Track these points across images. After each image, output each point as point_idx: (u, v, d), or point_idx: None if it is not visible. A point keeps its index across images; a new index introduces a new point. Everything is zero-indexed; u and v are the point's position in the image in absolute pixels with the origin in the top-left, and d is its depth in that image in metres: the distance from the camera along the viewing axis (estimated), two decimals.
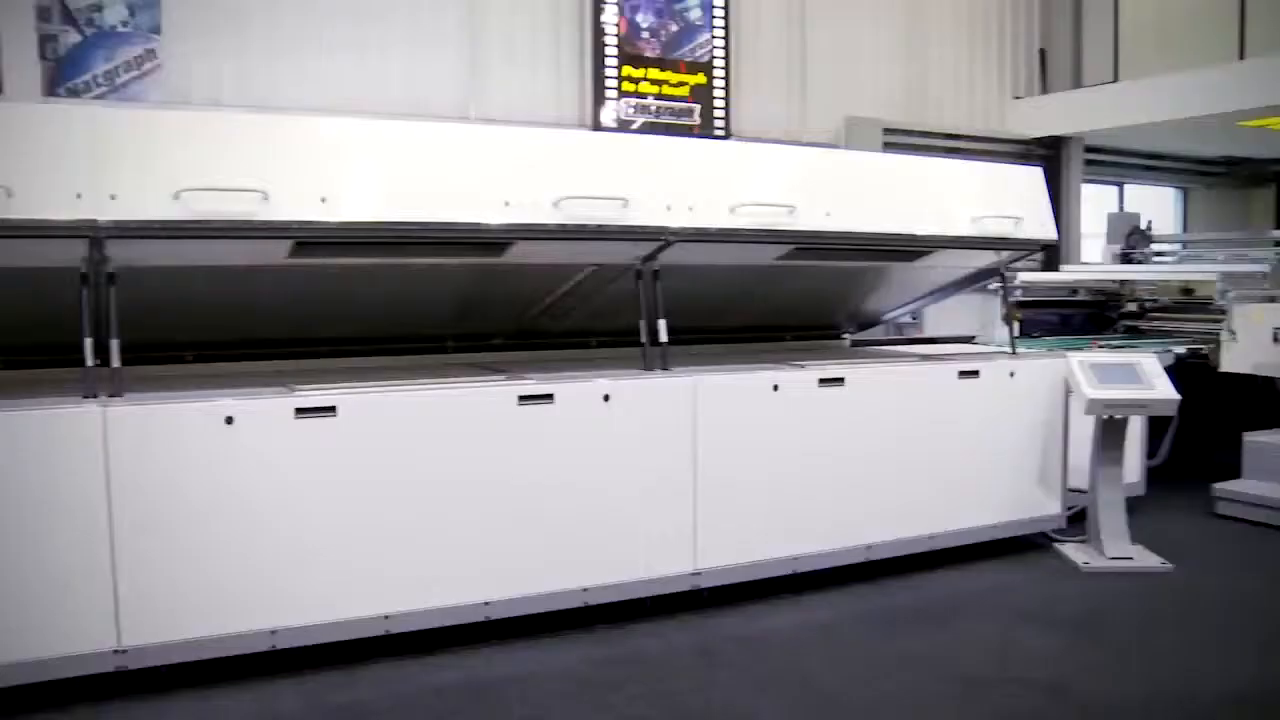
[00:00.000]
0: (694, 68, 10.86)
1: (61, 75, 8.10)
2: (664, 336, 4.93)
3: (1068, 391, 5.90)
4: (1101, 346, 7.22)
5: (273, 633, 4.15)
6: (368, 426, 4.27)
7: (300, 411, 4.15)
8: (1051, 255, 9.88)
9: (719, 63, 11.10)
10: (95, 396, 3.98)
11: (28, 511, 3.83)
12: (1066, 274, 9.69)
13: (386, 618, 4.32)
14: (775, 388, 5.09)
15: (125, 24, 8.22)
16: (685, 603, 4.92)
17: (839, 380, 5.26)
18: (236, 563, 4.10)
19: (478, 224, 4.48)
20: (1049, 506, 6.01)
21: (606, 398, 4.68)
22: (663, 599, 4.87)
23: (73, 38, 8.12)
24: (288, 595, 4.18)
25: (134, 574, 3.96)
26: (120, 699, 3.98)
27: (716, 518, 4.93)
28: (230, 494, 4.07)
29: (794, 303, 6.34)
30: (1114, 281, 9.11)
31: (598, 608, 4.72)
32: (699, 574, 4.92)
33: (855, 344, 7.12)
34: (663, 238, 4.85)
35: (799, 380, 5.20)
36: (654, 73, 10.57)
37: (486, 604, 4.49)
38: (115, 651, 3.95)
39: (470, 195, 4.48)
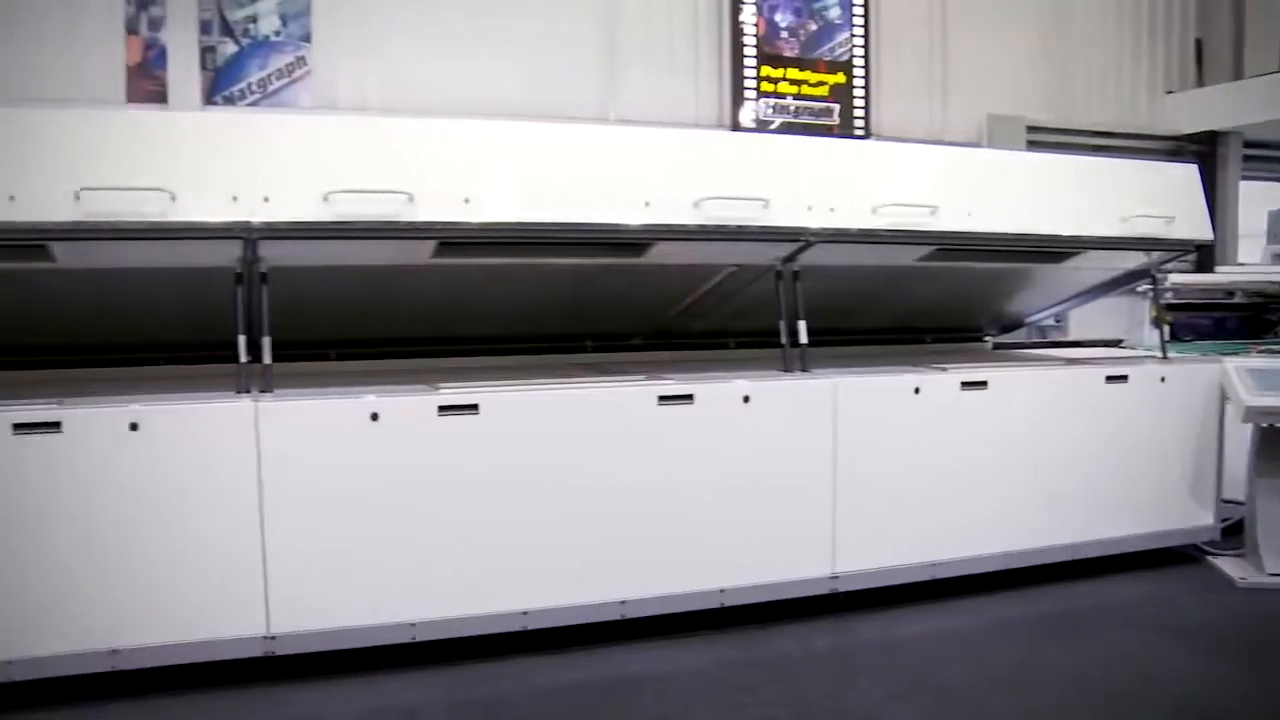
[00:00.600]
0: (833, 67, 10.72)
1: (219, 84, 8.45)
2: (804, 338, 4.88)
3: (1223, 398, 5.66)
4: (1260, 352, 6.91)
5: (413, 625, 4.23)
6: (509, 425, 4.32)
7: (444, 409, 4.22)
8: (1206, 256, 9.50)
9: (858, 62, 10.91)
10: (248, 392, 4.11)
11: (185, 501, 3.99)
12: (1222, 275, 9.27)
13: (525, 614, 4.37)
14: (916, 390, 5.00)
15: (278, 33, 8.53)
16: (822, 606, 4.86)
17: (982, 384, 5.14)
18: (378, 555, 4.20)
19: (617, 225, 4.51)
20: (1201, 517, 5.78)
21: (746, 399, 4.65)
22: (799, 602, 4.82)
23: (230, 48, 8.47)
24: (429, 589, 4.25)
25: (283, 563, 4.08)
26: (268, 684, 4.12)
27: (855, 521, 4.87)
28: (375, 488, 4.16)
29: (934, 304, 6.22)
30: (1274, 283, 8.70)
31: (734, 609, 4.70)
32: (837, 578, 4.86)
33: (997, 347, 6.95)
34: (803, 238, 4.81)
35: (941, 383, 5.10)
36: (793, 72, 10.47)
37: (623, 603, 4.51)
38: (264, 637, 4.09)
39: (610, 196, 4.51)
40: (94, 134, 4.12)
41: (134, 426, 3.94)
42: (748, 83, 10.32)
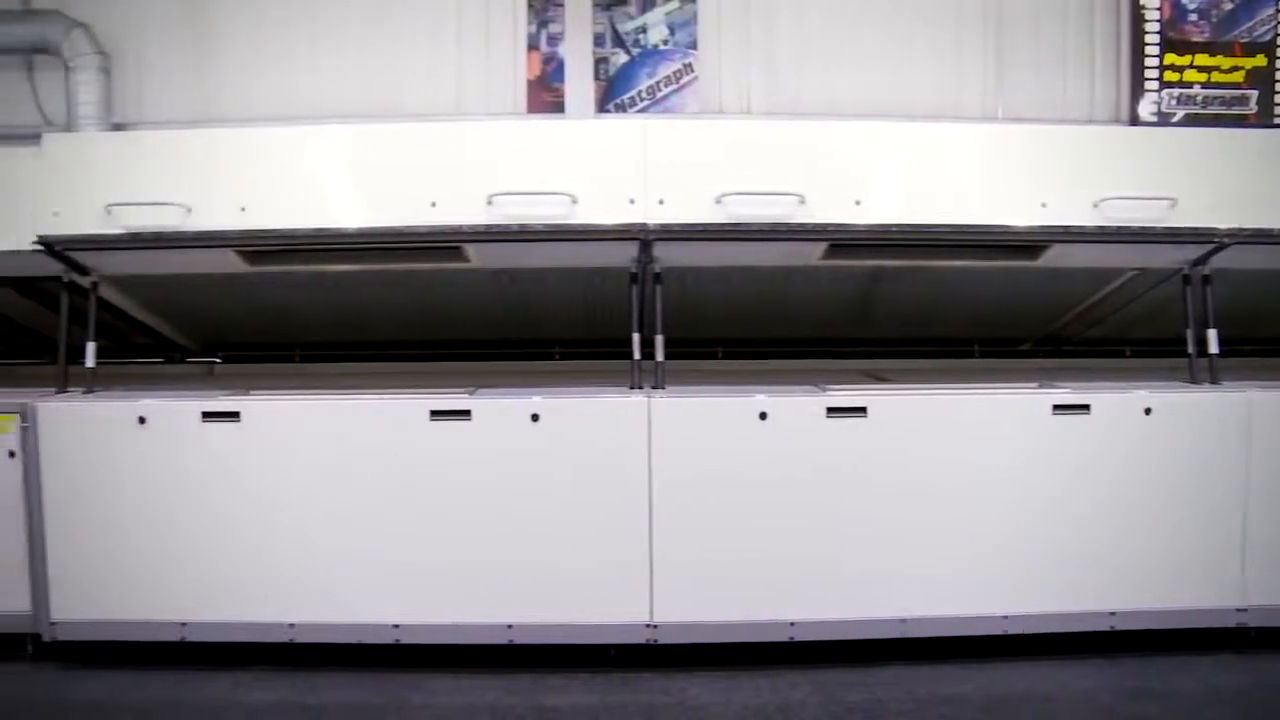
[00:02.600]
0: (1251, 49, 9.76)
1: (611, 93, 8.86)
2: (1214, 347, 4.52)
3: None
4: None
5: (791, 624, 4.25)
6: (895, 427, 4.25)
7: (832, 411, 4.21)
8: None
9: None
10: (640, 388, 4.26)
11: (578, 489, 4.21)
12: None
13: (903, 621, 4.30)
14: None
15: (666, 42, 8.84)
16: (1226, 640, 4.48)
17: None
18: (760, 552, 4.24)
19: (1010, 227, 4.34)
20: None
21: (1148, 411, 4.36)
22: (1200, 633, 4.46)
23: (621, 59, 8.87)
24: (806, 589, 4.26)
25: (667, 555, 4.21)
26: (649, 670, 4.27)
27: (1268, 549, 4.45)
28: (763, 486, 4.21)
29: None
30: None
31: (1125, 635, 4.42)
32: (1245, 610, 4.46)
33: None
34: (1215, 240, 4.46)
35: None
36: (1201, 58, 9.65)
37: (1005, 618, 4.34)
38: (647, 625, 4.23)
39: (1003, 197, 4.35)
40: (502, 143, 4.43)
41: (535, 417, 4.18)
42: (1148, 72, 9.59)
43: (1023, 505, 4.33)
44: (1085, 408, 4.31)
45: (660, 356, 4.31)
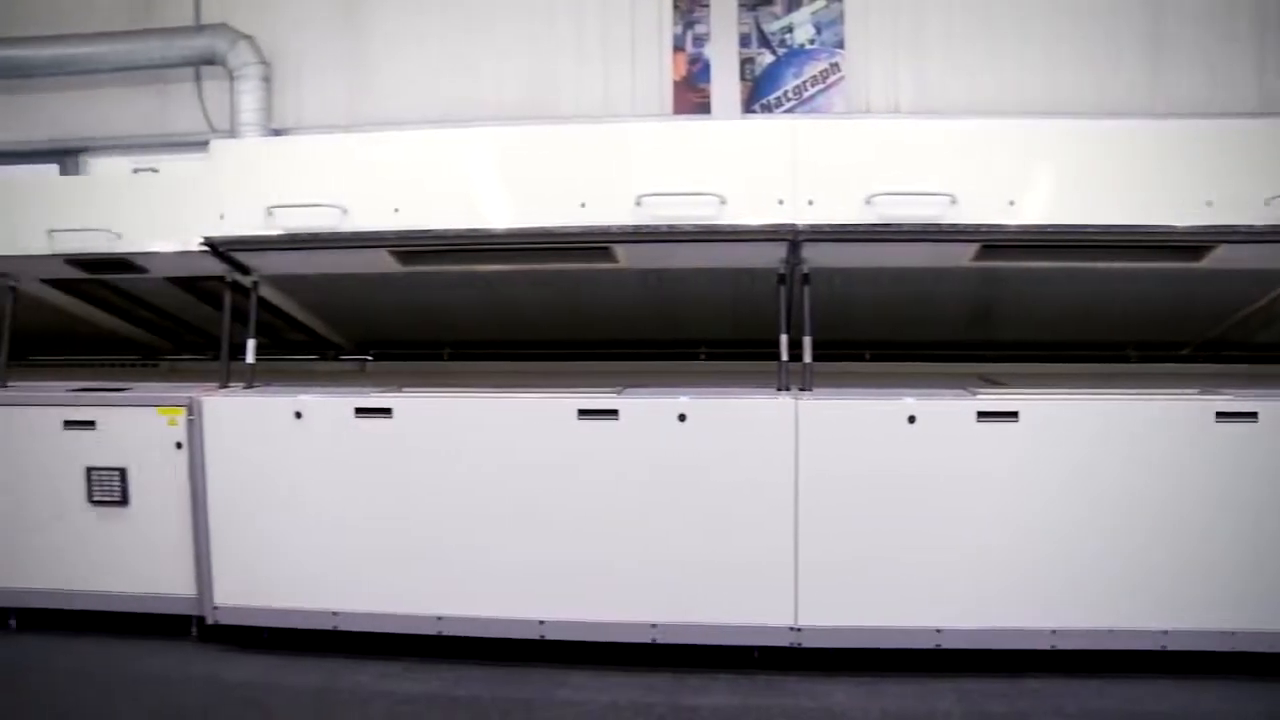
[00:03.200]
0: None
1: (757, 93, 8.85)
2: None
3: None
4: None
5: (938, 631, 4.18)
6: (1050, 433, 4.14)
7: (982, 415, 4.13)
8: None
9: None
10: (788, 389, 4.24)
11: (724, 491, 4.21)
12: None
13: (1053, 632, 4.18)
14: None
15: (812, 42, 8.78)
16: None
17: None
18: (906, 556, 4.18)
19: (1172, 227, 4.20)
20: None
21: None
22: None
23: (767, 59, 8.85)
24: (953, 596, 4.19)
25: (812, 555, 4.19)
26: (792, 673, 4.24)
27: None
28: (910, 490, 4.16)
29: None
30: None
31: None
32: None
33: None
34: None
35: None
36: None
37: (1165, 633, 4.18)
38: (791, 628, 4.21)
39: (1164, 195, 4.20)
40: (651, 144, 4.46)
41: (682, 417, 4.20)
42: None
43: (1179, 513, 4.16)
44: (1252, 415, 4.13)
45: (808, 358, 4.28)
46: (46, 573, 4.83)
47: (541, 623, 4.33)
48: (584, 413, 4.25)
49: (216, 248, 4.63)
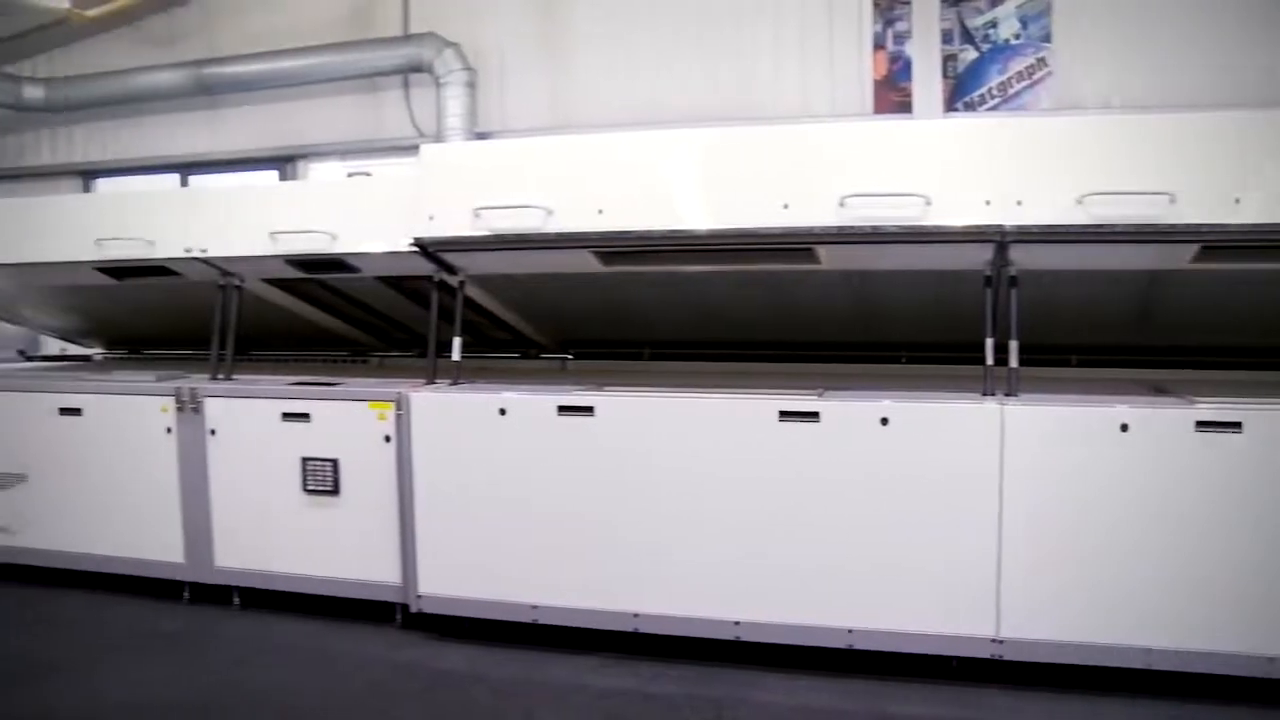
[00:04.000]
0: None
1: (959, 91, 8.70)
2: None
3: None
4: None
5: (1148, 651, 3.99)
6: (1274, 446, 3.90)
7: (1201, 425, 3.92)
8: None
9: None
10: (992, 394, 4.15)
11: (925, 497, 4.13)
12: None
13: (1270, 660, 3.92)
14: None
15: (1017, 36, 8.56)
16: None
17: None
18: (1115, 571, 4.01)
19: None
20: None
21: None
22: None
23: (970, 55, 8.67)
24: (1164, 614, 3.98)
25: (1016, 566, 4.07)
26: (991, 686, 4.14)
27: None
28: (1121, 502, 3.99)
29: None
30: None
31: None
32: None
33: None
34: None
35: None
36: None
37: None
38: (992, 640, 4.10)
39: None
40: (853, 144, 4.42)
41: (884, 421, 4.14)
42: None
43: None
44: None
45: (1014, 362, 4.17)
46: (264, 556, 5.09)
47: (737, 623, 4.33)
48: (785, 414, 4.23)
49: (426, 248, 4.79)
